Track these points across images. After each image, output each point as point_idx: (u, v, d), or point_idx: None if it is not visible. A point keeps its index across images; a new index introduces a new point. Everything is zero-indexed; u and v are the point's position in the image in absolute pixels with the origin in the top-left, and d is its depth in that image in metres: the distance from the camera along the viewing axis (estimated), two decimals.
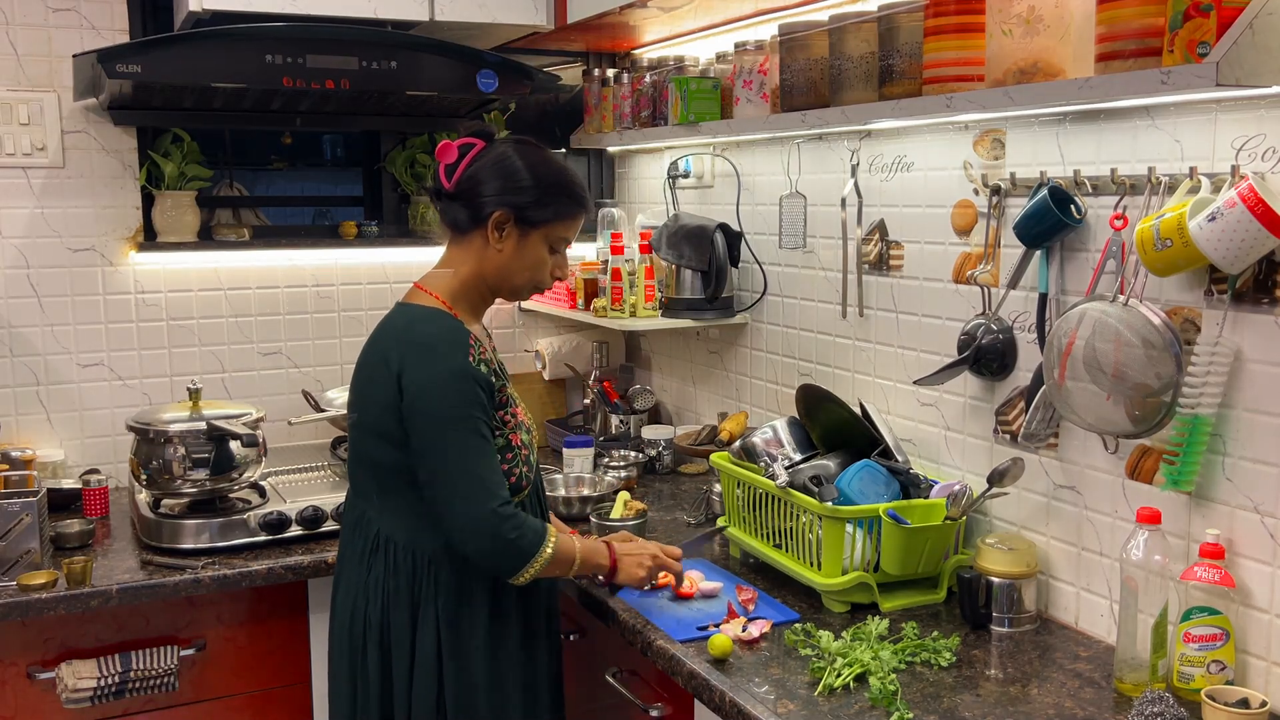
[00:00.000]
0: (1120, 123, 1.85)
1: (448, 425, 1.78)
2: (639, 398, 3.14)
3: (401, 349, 1.83)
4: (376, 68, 2.54)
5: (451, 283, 1.92)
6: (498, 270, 1.91)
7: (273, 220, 3.23)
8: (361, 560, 1.91)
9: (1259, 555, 1.69)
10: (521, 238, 1.90)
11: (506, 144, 1.93)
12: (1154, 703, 1.59)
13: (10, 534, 2.22)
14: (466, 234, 1.91)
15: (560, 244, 1.95)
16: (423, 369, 1.80)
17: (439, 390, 1.79)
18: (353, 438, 1.95)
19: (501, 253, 1.90)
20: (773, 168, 2.75)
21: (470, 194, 1.88)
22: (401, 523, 1.88)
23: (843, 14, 2.19)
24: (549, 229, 1.91)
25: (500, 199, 1.87)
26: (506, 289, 1.95)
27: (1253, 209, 1.53)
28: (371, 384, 1.87)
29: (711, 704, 1.77)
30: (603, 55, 3.33)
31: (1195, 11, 1.47)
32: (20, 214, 2.75)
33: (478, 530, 1.78)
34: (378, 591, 1.89)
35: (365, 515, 1.92)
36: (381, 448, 1.86)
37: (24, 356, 2.78)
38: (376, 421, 1.86)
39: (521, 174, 1.88)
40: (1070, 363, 1.82)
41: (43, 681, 2.21)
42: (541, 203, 1.89)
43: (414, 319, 1.87)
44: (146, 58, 2.36)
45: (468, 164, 1.89)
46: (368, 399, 1.89)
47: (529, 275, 1.94)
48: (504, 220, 1.88)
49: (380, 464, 1.88)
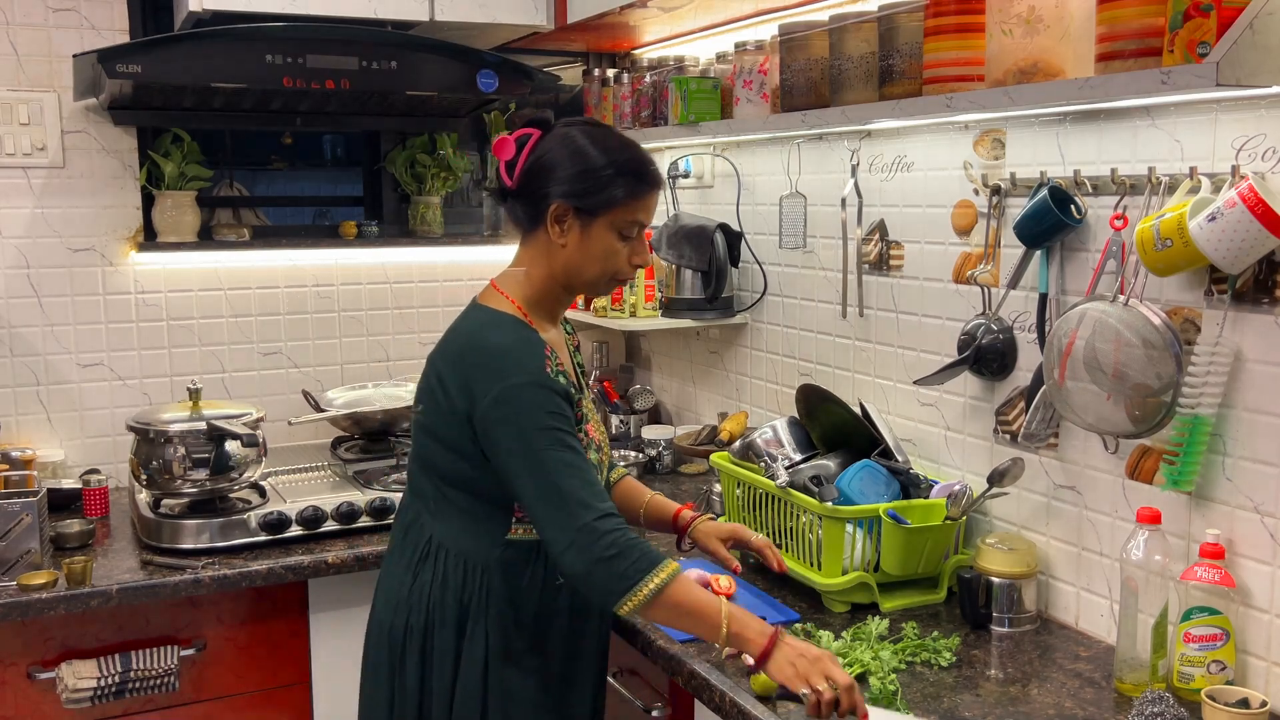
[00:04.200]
0: (1120, 123, 1.85)
1: (527, 440, 1.64)
2: (639, 398, 3.14)
3: (471, 356, 1.71)
4: (376, 68, 2.54)
5: (524, 285, 1.80)
6: (567, 267, 1.77)
7: (273, 220, 3.23)
8: (410, 565, 1.80)
9: (1259, 555, 1.69)
10: (585, 228, 1.74)
11: (565, 127, 1.78)
12: (1154, 703, 1.59)
13: (10, 534, 2.22)
14: (531, 232, 1.79)
15: (631, 228, 1.77)
16: (496, 380, 1.67)
17: (516, 402, 1.65)
18: (416, 435, 1.85)
19: (567, 247, 1.75)
20: (773, 168, 2.75)
21: (530, 189, 1.76)
22: (456, 530, 1.78)
23: (843, 14, 2.19)
24: (613, 214, 1.74)
25: (558, 189, 1.73)
26: (581, 285, 1.81)
27: (1253, 209, 1.53)
28: (438, 387, 1.75)
29: (711, 704, 1.77)
30: (603, 55, 3.33)
31: (1195, 11, 1.47)
32: (20, 214, 2.75)
33: (569, 548, 1.61)
34: (422, 599, 1.78)
35: (420, 518, 1.82)
36: (442, 453, 1.76)
37: (24, 356, 2.78)
38: (438, 426, 1.76)
39: (580, 158, 1.73)
40: (1070, 363, 1.82)
41: (43, 681, 2.21)
42: (600, 187, 1.72)
43: (485, 324, 1.75)
44: (146, 58, 2.36)
45: (527, 157, 1.76)
46: (432, 402, 1.77)
47: (601, 267, 1.78)
48: (563, 212, 1.73)
49: (439, 469, 1.78)
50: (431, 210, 3.15)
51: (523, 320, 1.77)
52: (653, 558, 1.63)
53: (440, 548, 1.78)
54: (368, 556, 2.39)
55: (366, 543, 2.43)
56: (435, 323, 3.22)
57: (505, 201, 1.82)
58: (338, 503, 2.48)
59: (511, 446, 1.65)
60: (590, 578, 1.62)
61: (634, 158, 1.76)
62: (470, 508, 1.77)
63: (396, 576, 1.82)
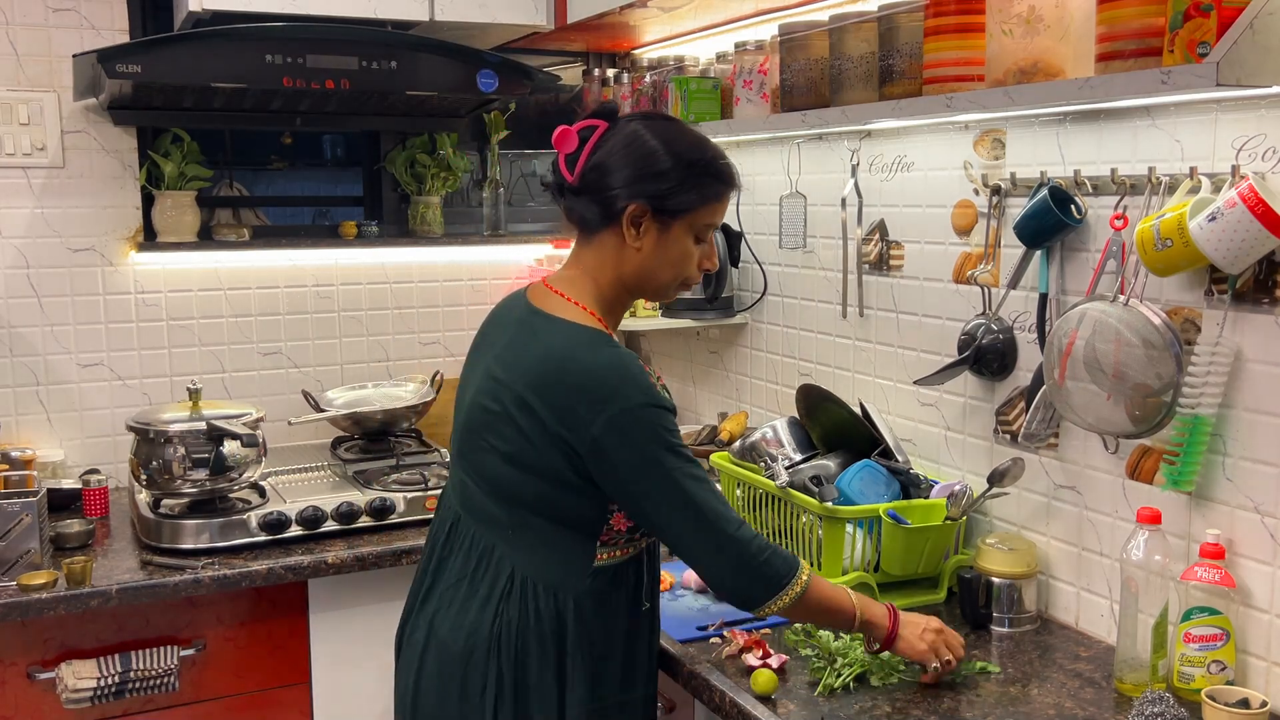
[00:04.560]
0: (1120, 123, 1.85)
1: (656, 462, 1.57)
2: None
3: (568, 381, 1.58)
4: (376, 68, 2.54)
5: (592, 289, 1.68)
6: (639, 271, 1.67)
7: (273, 220, 3.23)
8: (488, 602, 1.65)
9: (1259, 555, 1.69)
10: (662, 231, 1.65)
11: (634, 122, 1.67)
12: (1154, 703, 1.58)
13: (10, 534, 2.22)
14: (598, 233, 1.67)
15: (706, 231, 1.69)
16: (607, 404, 1.56)
17: (635, 428, 1.57)
18: (476, 459, 1.69)
19: (641, 250, 1.65)
20: (773, 168, 2.75)
21: (598, 186, 1.64)
22: (541, 562, 1.65)
23: (843, 14, 2.19)
24: (693, 216, 1.66)
25: (634, 189, 1.62)
26: (651, 290, 1.71)
27: (1253, 209, 1.53)
28: (519, 414, 1.61)
29: (711, 704, 1.77)
30: (603, 55, 3.33)
31: (1195, 11, 1.47)
32: (20, 214, 2.75)
33: (718, 560, 1.60)
34: (511, 640, 1.64)
35: (495, 549, 1.67)
36: (526, 480, 1.63)
37: (24, 356, 2.78)
38: (521, 452, 1.62)
39: (656, 156, 1.63)
40: (1070, 363, 1.82)
41: (43, 681, 2.21)
42: (682, 187, 1.63)
43: (576, 343, 1.62)
44: (146, 58, 2.36)
45: (591, 151, 1.65)
46: (511, 426, 1.63)
47: (674, 272, 1.69)
48: (640, 214, 1.63)
49: (521, 496, 1.64)
50: (431, 210, 3.15)
51: (608, 334, 1.66)
52: (793, 560, 1.65)
53: (526, 582, 1.65)
54: (367, 556, 2.39)
55: (366, 543, 2.43)
56: (435, 323, 3.22)
57: (564, 198, 1.70)
58: (337, 503, 2.48)
59: (639, 474, 1.58)
60: (746, 587, 1.62)
61: (714, 157, 1.67)
62: (554, 536, 1.65)
63: (472, 612, 1.67)
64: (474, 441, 1.69)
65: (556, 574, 1.65)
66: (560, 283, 1.71)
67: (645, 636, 1.76)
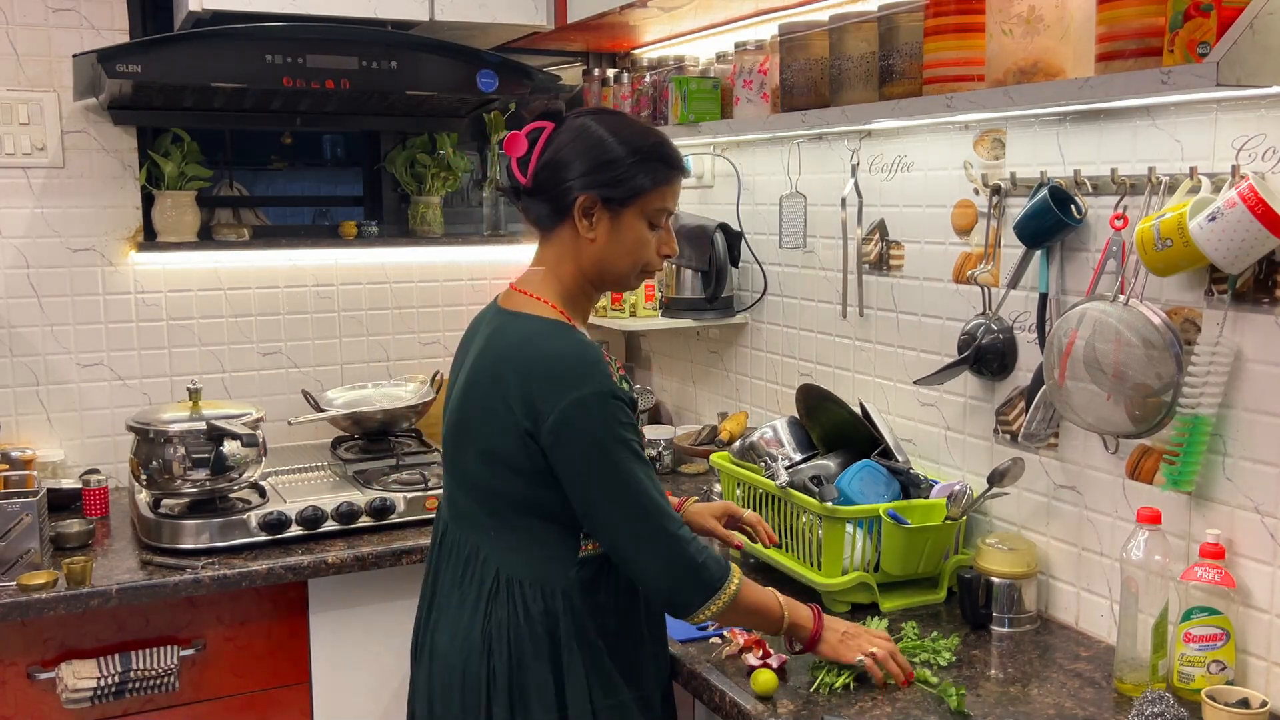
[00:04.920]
0: (1120, 123, 1.85)
1: (604, 452, 1.56)
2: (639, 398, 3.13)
3: (526, 370, 1.60)
4: (376, 67, 2.54)
5: (554, 285, 1.71)
6: (596, 261, 1.68)
7: (273, 220, 3.23)
8: (477, 604, 1.66)
9: (1259, 555, 1.69)
10: (614, 219, 1.66)
11: (580, 117, 1.69)
12: (1154, 703, 1.58)
13: (10, 534, 2.22)
14: (554, 229, 1.70)
15: (660, 216, 1.69)
16: (561, 393, 1.56)
17: (586, 415, 1.56)
18: (458, 463, 1.71)
19: (596, 241, 1.66)
20: (773, 168, 2.75)
21: (551, 183, 1.66)
22: (526, 559, 1.65)
23: (843, 14, 2.19)
24: (643, 202, 1.66)
25: (584, 180, 1.64)
26: (612, 280, 1.72)
27: (1253, 209, 1.53)
28: (487, 408, 1.63)
29: (711, 704, 1.77)
30: (603, 55, 3.33)
31: (1195, 11, 1.47)
32: (20, 214, 2.75)
33: (655, 557, 1.58)
34: (503, 638, 1.63)
35: (479, 553, 1.68)
36: (502, 476, 1.63)
37: (24, 356, 2.78)
38: (494, 448, 1.63)
39: (604, 145, 1.64)
40: (1070, 363, 1.82)
41: (43, 681, 2.21)
42: (627, 175, 1.64)
43: (532, 334, 1.64)
44: (146, 58, 2.36)
45: (540, 151, 1.67)
46: (483, 424, 1.64)
47: (631, 259, 1.69)
48: (590, 204, 1.64)
49: (499, 494, 1.65)
50: (431, 210, 3.15)
51: (570, 325, 1.67)
52: (725, 564, 1.63)
53: (511, 581, 1.64)
54: (367, 556, 2.39)
55: (366, 543, 2.43)
56: (435, 323, 3.22)
57: (520, 200, 1.73)
58: (337, 503, 2.48)
59: (586, 462, 1.57)
60: (677, 590, 1.60)
61: (658, 143, 1.68)
62: (539, 533, 1.65)
63: (464, 619, 1.67)
64: (456, 443, 1.71)
65: (542, 570, 1.64)
66: (525, 282, 1.74)
67: (644, 625, 1.73)
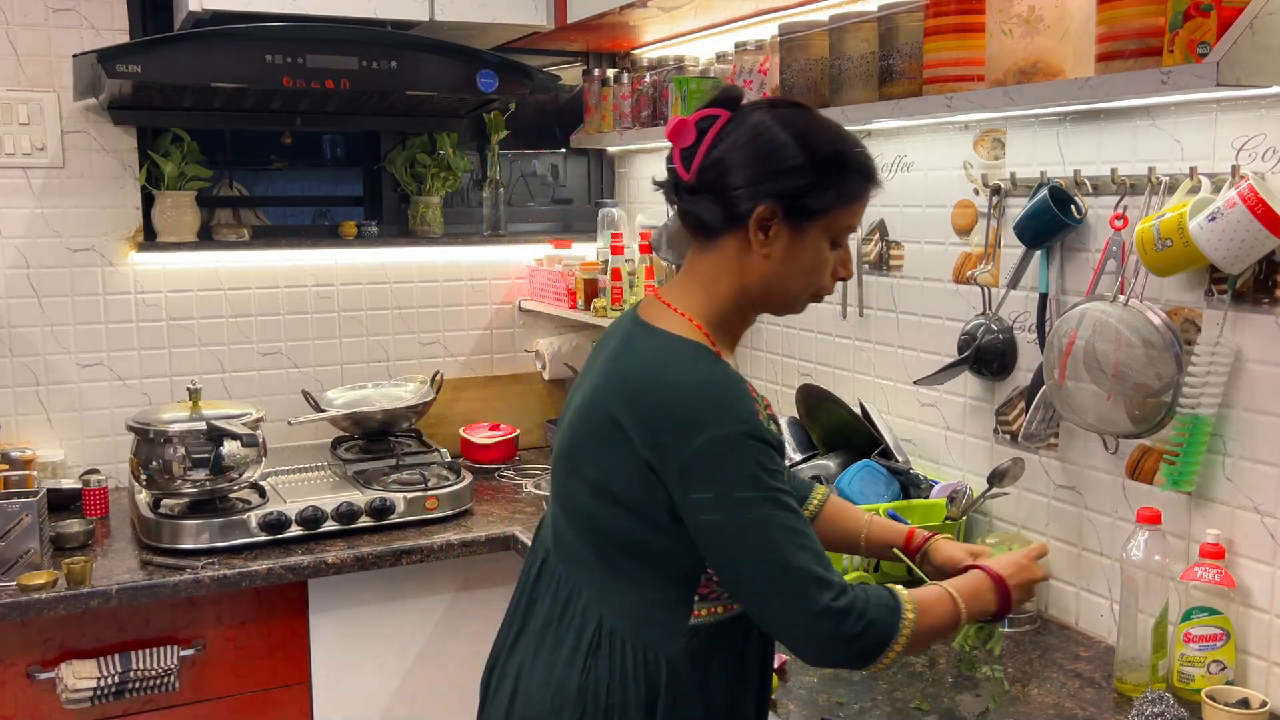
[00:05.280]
0: (1120, 123, 1.85)
1: (744, 504, 1.34)
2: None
3: (656, 398, 1.38)
4: (376, 67, 2.54)
5: (706, 301, 1.47)
6: (766, 280, 1.46)
7: (273, 220, 3.23)
8: (577, 652, 1.45)
9: (1259, 555, 1.69)
10: (795, 235, 1.43)
11: (759, 111, 1.45)
12: (1154, 703, 1.59)
13: (10, 534, 2.22)
14: (717, 237, 1.46)
15: (844, 235, 1.48)
16: (695, 431, 1.34)
17: (725, 457, 1.34)
18: (567, 490, 1.50)
19: (769, 258, 1.43)
20: None
21: (719, 185, 1.42)
22: (630, 612, 1.44)
23: (843, 14, 2.19)
24: (831, 219, 1.44)
25: (761, 187, 1.40)
26: (777, 302, 1.49)
27: (1253, 209, 1.53)
28: (605, 435, 1.42)
29: None
30: (603, 55, 3.33)
31: (1195, 11, 1.47)
32: (20, 214, 2.75)
33: (810, 636, 1.34)
34: (599, 699, 1.43)
35: (581, 592, 1.47)
36: (614, 514, 1.42)
37: (24, 356, 2.78)
38: (608, 481, 1.42)
39: (787, 150, 1.40)
40: (1070, 363, 1.82)
41: (43, 681, 2.21)
42: (819, 185, 1.41)
43: (667, 356, 1.42)
44: (146, 58, 2.36)
45: (710, 144, 1.43)
46: (598, 451, 1.43)
47: (806, 281, 1.47)
48: (770, 216, 1.41)
49: (609, 533, 1.44)
50: (431, 210, 3.15)
51: (711, 349, 1.45)
52: (891, 604, 1.38)
53: (614, 634, 1.44)
54: (367, 556, 2.39)
55: (366, 543, 2.43)
56: (435, 323, 3.22)
57: (678, 198, 1.48)
58: (337, 503, 2.48)
59: (722, 511, 1.34)
60: (843, 657, 1.38)
61: (855, 150, 1.45)
62: (649, 586, 1.43)
63: (559, 665, 1.46)
64: (565, 467, 1.51)
65: (648, 631, 1.43)
66: (669, 292, 1.51)
67: (752, 706, 1.52)
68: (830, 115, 2.15)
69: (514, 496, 2.82)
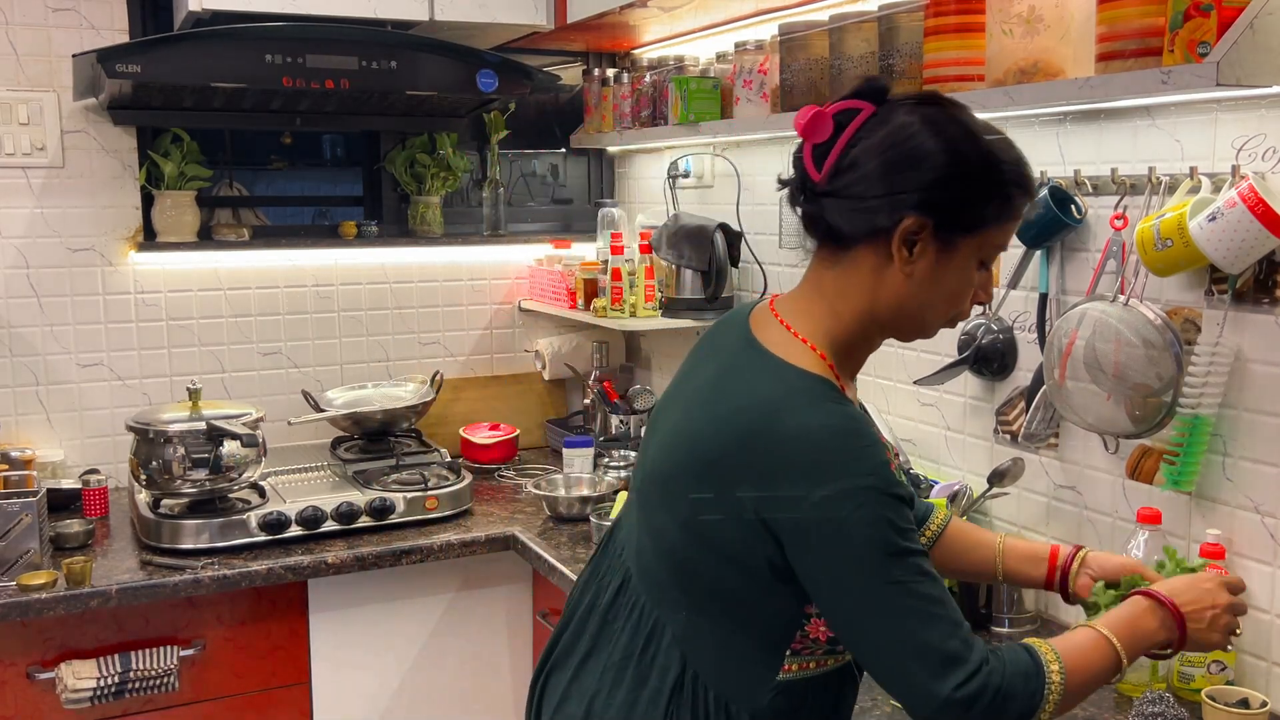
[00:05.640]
0: (1120, 123, 1.85)
1: (876, 565, 1.19)
2: (639, 398, 3.14)
3: (774, 444, 1.22)
4: (376, 67, 2.54)
5: (831, 324, 1.31)
6: (901, 302, 1.30)
7: (273, 220, 3.23)
8: (658, 698, 1.32)
9: (1259, 555, 1.69)
10: (943, 253, 1.27)
11: (908, 110, 1.27)
12: (1154, 703, 1.58)
13: (10, 534, 2.22)
14: (849, 249, 1.29)
15: (994, 255, 1.32)
16: (816, 482, 1.20)
17: (853, 514, 1.19)
18: (656, 519, 1.36)
19: (910, 277, 1.28)
20: (773, 167, 2.75)
21: (856, 190, 1.25)
22: (714, 659, 1.31)
23: (843, 14, 2.19)
24: (984, 237, 1.28)
25: (905, 198, 1.24)
26: (909, 326, 1.34)
27: (1253, 209, 1.53)
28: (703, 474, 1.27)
29: None
30: (603, 55, 3.33)
31: (1196, 11, 1.47)
32: (20, 214, 2.75)
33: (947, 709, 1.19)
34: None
35: (663, 630, 1.34)
36: (706, 558, 1.29)
37: (24, 356, 2.78)
38: (703, 524, 1.28)
39: (935, 159, 1.24)
40: (1070, 363, 1.82)
41: (42, 682, 2.21)
42: (975, 199, 1.25)
43: (787, 395, 1.25)
44: (146, 58, 2.36)
45: (848, 141, 1.26)
46: (694, 489, 1.28)
47: (947, 305, 1.33)
48: (918, 230, 1.25)
49: (699, 575, 1.30)
50: (431, 210, 3.15)
51: (835, 385, 1.29)
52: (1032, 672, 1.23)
53: (697, 680, 1.32)
54: (367, 556, 2.39)
55: (366, 543, 2.43)
56: (435, 323, 3.22)
57: (805, 200, 1.31)
58: (337, 503, 2.48)
59: (849, 576, 1.20)
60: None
61: (1013, 162, 1.28)
62: (737, 632, 1.31)
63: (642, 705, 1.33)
64: (656, 494, 1.36)
65: (732, 682, 1.31)
66: (788, 309, 1.35)
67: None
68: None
69: (514, 496, 2.82)
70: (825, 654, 1.32)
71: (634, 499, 1.44)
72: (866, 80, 1.30)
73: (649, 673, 1.34)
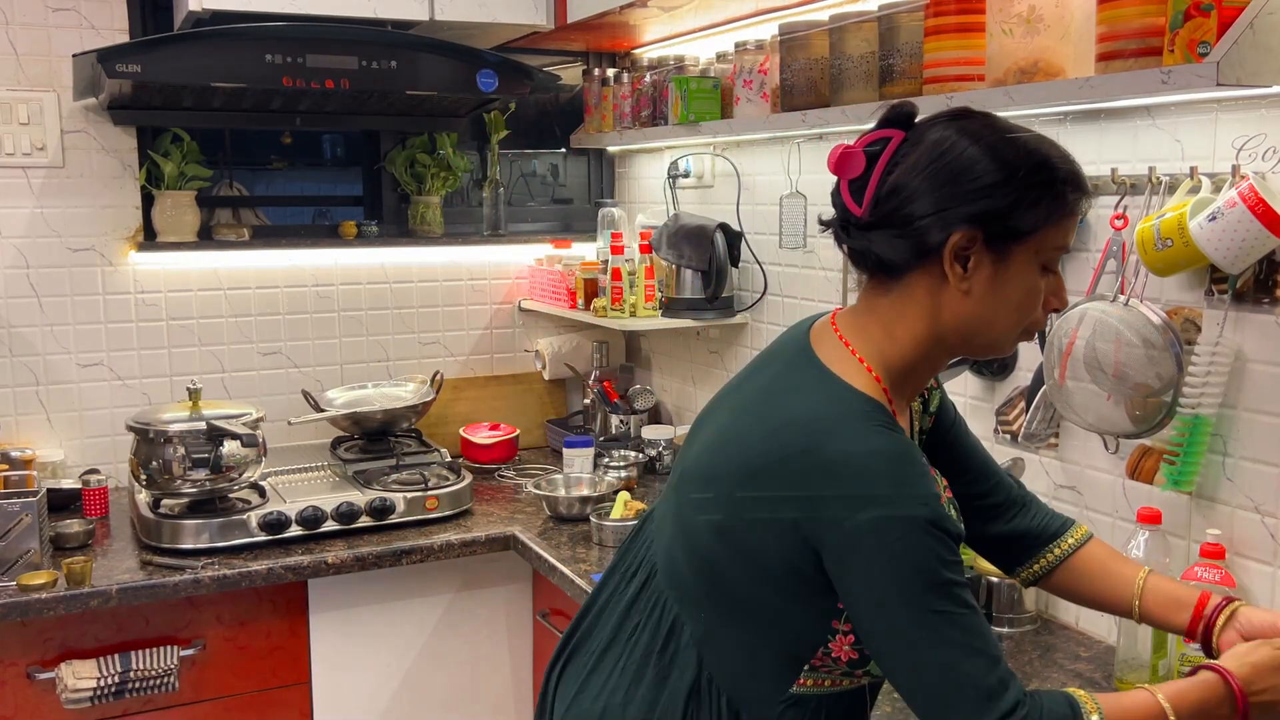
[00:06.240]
0: (1120, 122, 1.85)
1: (915, 597, 1.16)
2: (639, 398, 3.14)
3: (823, 462, 1.20)
4: (376, 67, 2.54)
5: (887, 347, 1.29)
6: (966, 321, 1.26)
7: (272, 220, 3.23)
8: (675, 700, 1.32)
9: (1259, 555, 1.69)
10: (999, 263, 1.24)
11: (938, 127, 1.26)
12: None
13: (10, 534, 2.22)
14: (903, 276, 1.27)
15: (1056, 257, 1.28)
16: (868, 505, 1.17)
17: (900, 542, 1.16)
18: (689, 519, 1.34)
19: (970, 294, 1.24)
20: (773, 167, 2.75)
21: (901, 216, 1.24)
22: (730, 664, 1.31)
23: (843, 14, 2.19)
24: (1040, 239, 1.24)
25: (954, 212, 1.21)
26: (981, 344, 1.30)
27: (1253, 209, 1.53)
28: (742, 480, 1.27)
29: None
30: (603, 55, 3.33)
31: (1196, 11, 1.47)
32: (20, 214, 2.75)
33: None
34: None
35: (682, 630, 1.34)
36: (737, 565, 1.27)
37: (24, 356, 2.78)
38: (739, 531, 1.27)
39: (979, 165, 1.22)
40: (1070, 363, 1.82)
41: (42, 682, 2.21)
42: (1024, 201, 1.22)
43: (840, 415, 1.23)
44: (146, 57, 2.36)
45: (884, 170, 1.25)
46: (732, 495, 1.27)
47: (1017, 315, 1.27)
48: (967, 245, 1.22)
49: (726, 581, 1.29)
50: (431, 210, 3.15)
51: (887, 410, 1.26)
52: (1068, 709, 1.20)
53: (712, 683, 1.31)
54: (367, 556, 2.39)
55: (366, 543, 2.43)
56: (435, 323, 3.22)
57: (849, 236, 1.31)
58: (337, 503, 2.48)
59: (891, 598, 1.17)
60: None
61: (1060, 158, 1.26)
62: (757, 641, 1.29)
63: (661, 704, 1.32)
64: (693, 493, 1.35)
65: (744, 687, 1.30)
66: (848, 325, 1.33)
67: None
68: (831, 115, 2.18)
69: (514, 496, 2.82)
70: (843, 675, 1.30)
71: (669, 494, 1.42)
72: (892, 108, 1.28)
73: (668, 671, 1.33)
